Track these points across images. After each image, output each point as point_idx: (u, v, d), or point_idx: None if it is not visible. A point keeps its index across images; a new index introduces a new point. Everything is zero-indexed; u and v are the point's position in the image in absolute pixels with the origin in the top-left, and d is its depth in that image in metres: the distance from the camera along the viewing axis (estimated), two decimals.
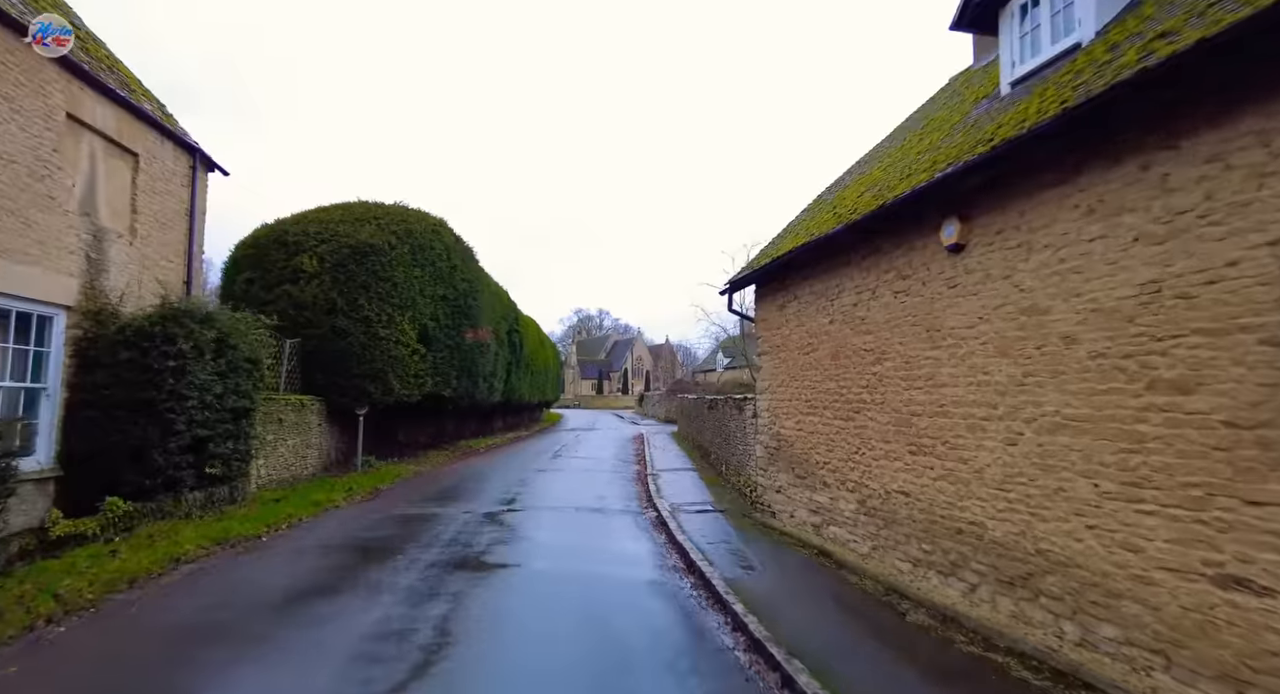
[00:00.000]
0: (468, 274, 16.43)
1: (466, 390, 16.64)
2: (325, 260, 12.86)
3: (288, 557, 7.01)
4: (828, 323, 7.76)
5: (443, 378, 15.13)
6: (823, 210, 8.95)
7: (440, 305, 15.04)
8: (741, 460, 11.10)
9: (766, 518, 9.16)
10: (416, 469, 14.38)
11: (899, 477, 6.34)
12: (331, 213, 13.99)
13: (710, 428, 16.07)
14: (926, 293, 6.03)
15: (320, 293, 12.67)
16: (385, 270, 13.33)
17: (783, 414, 8.86)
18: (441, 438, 20.02)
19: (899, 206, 6.12)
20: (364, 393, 12.89)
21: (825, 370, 7.79)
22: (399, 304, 13.54)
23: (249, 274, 13.10)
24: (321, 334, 12.57)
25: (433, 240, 15.00)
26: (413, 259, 14.16)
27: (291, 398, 11.40)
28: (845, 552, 7.16)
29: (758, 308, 9.81)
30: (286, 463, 11.08)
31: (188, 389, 7.69)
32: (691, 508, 10.21)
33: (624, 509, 10.41)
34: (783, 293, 8.94)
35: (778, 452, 8.99)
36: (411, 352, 13.81)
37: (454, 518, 9.23)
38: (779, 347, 9.06)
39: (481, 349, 17.24)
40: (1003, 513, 5.01)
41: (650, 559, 7.37)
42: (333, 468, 12.93)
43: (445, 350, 15.17)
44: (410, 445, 17.50)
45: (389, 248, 13.55)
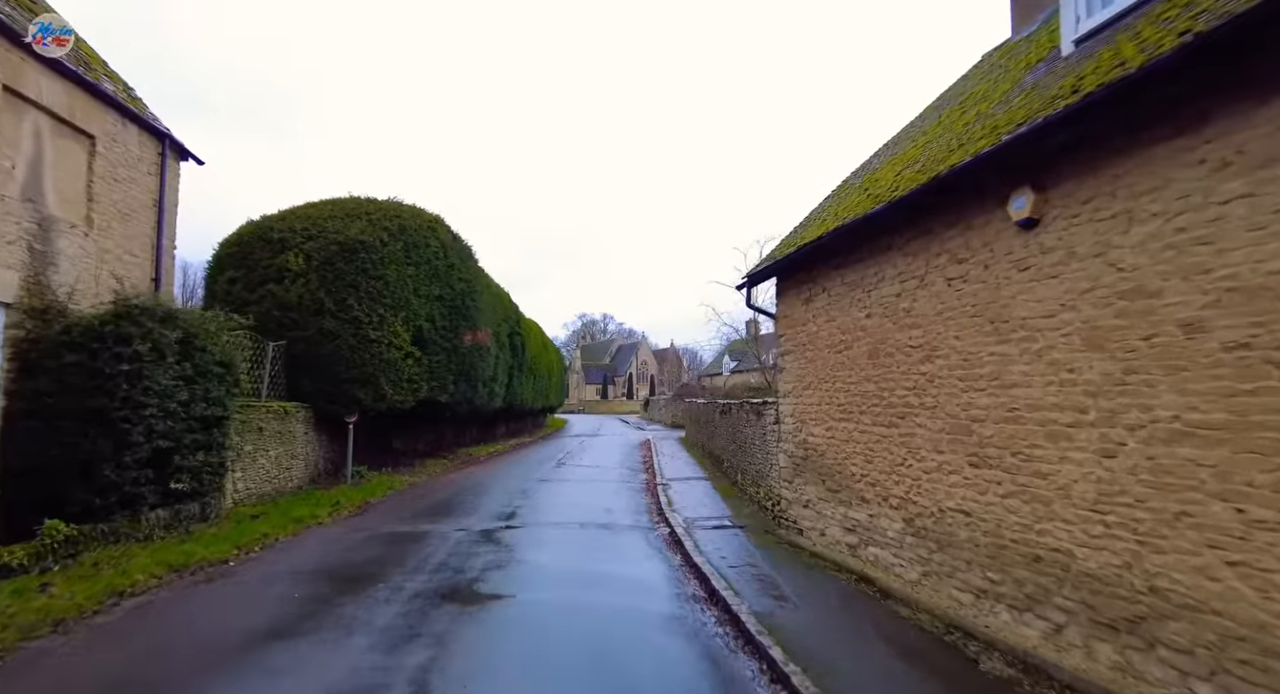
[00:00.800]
0: (465, 273, 15.62)
1: (465, 396, 15.80)
2: (312, 258, 12.06)
3: (254, 586, 6.16)
4: (864, 317, 6.88)
5: (439, 383, 14.30)
6: (851, 194, 8.09)
7: (436, 306, 14.22)
8: (761, 470, 10.22)
9: (793, 535, 8.26)
10: (411, 480, 13.53)
11: (956, 492, 5.45)
12: (320, 208, 13.21)
13: (723, 434, 15.18)
14: (989, 278, 5.16)
15: (306, 292, 11.86)
16: (376, 268, 12.52)
17: (810, 420, 7.98)
18: (440, 446, 19.18)
19: (955, 178, 5.25)
20: (354, 399, 12.07)
21: (861, 370, 6.91)
22: (391, 304, 12.72)
23: (231, 273, 12.31)
24: (308, 336, 11.76)
25: (427, 237, 14.20)
26: (406, 257, 13.35)
27: (274, 405, 10.58)
28: (889, 577, 6.26)
29: (779, 303, 8.95)
30: (268, 475, 10.25)
31: (145, 396, 6.86)
32: (707, 523, 9.32)
33: (633, 524, 9.53)
34: (808, 285, 8.08)
35: (805, 461, 8.11)
36: (405, 355, 12.98)
37: (446, 537, 8.36)
38: (804, 345, 8.19)
39: (481, 352, 16.41)
40: (1098, 539, 4.12)
41: (666, 586, 6.49)
42: (321, 480, 12.09)
43: (442, 354, 14.34)
44: (407, 454, 16.67)
45: (380, 244, 12.74)
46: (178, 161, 9.14)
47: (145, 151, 8.41)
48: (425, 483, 13.47)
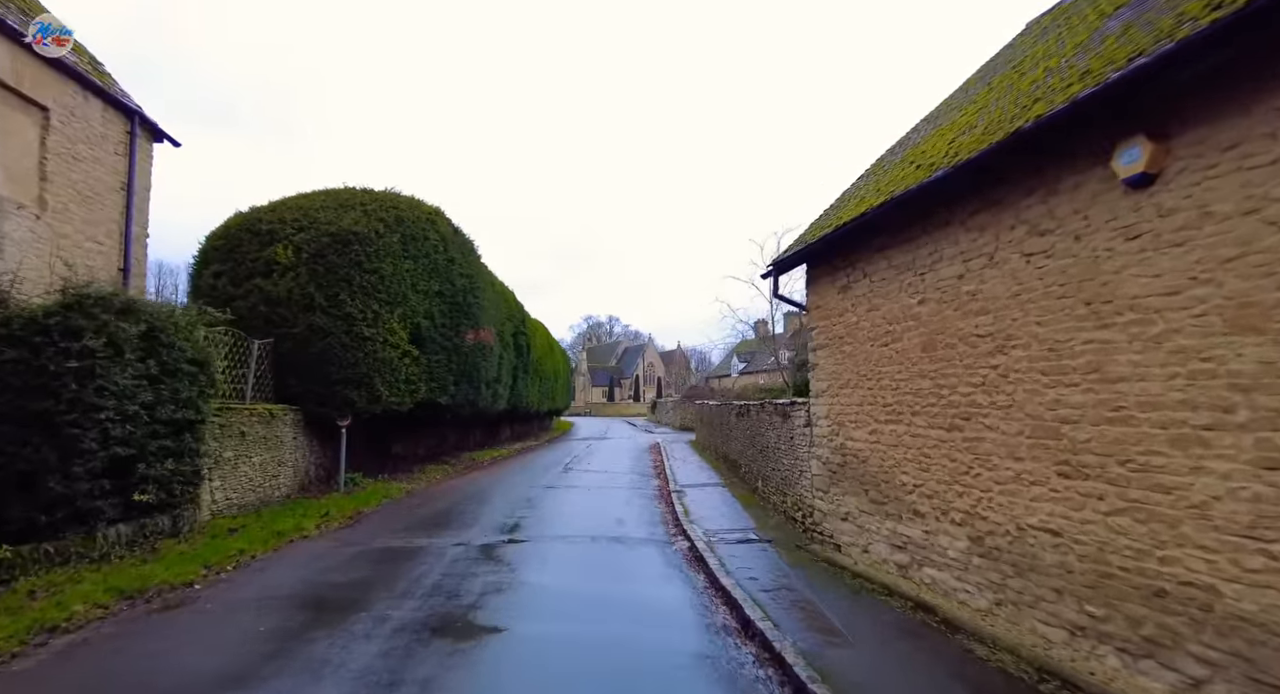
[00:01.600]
0: (467, 268, 14.82)
1: (467, 398, 14.98)
2: (302, 250, 11.27)
3: (216, 616, 5.33)
4: (915, 303, 6.00)
5: (439, 384, 13.48)
6: (892, 169, 7.22)
7: (435, 302, 13.42)
8: (787, 477, 9.34)
9: (829, 551, 7.38)
10: (409, 487, 12.70)
11: (1040, 508, 4.57)
12: (312, 199, 12.44)
13: (739, 437, 14.30)
14: (1083, 251, 4.28)
15: (296, 287, 11.07)
16: (370, 261, 11.73)
17: (850, 422, 7.10)
18: (442, 450, 18.38)
19: (1039, 132, 4.39)
20: (346, 401, 11.26)
21: (914, 365, 6.03)
22: (387, 300, 11.92)
23: (217, 267, 11.54)
24: (297, 334, 10.97)
25: (426, 230, 13.40)
26: (403, 250, 12.56)
27: (259, 408, 9.78)
28: (951, 605, 5.38)
29: (810, 292, 8.08)
30: (252, 484, 9.44)
31: (99, 397, 6.06)
32: (730, 536, 8.45)
33: (648, 537, 8.67)
34: (846, 271, 7.21)
35: (843, 469, 7.22)
36: (402, 354, 12.18)
37: (442, 553, 7.52)
38: (841, 338, 7.32)
39: (483, 352, 15.59)
40: (1257, 575, 3.24)
41: (691, 614, 5.63)
42: (311, 488, 11.29)
43: (441, 353, 13.52)
44: (406, 459, 15.86)
45: (375, 236, 11.95)
46: (150, 142, 8.37)
47: (111, 129, 7.64)
48: (424, 491, 12.64)
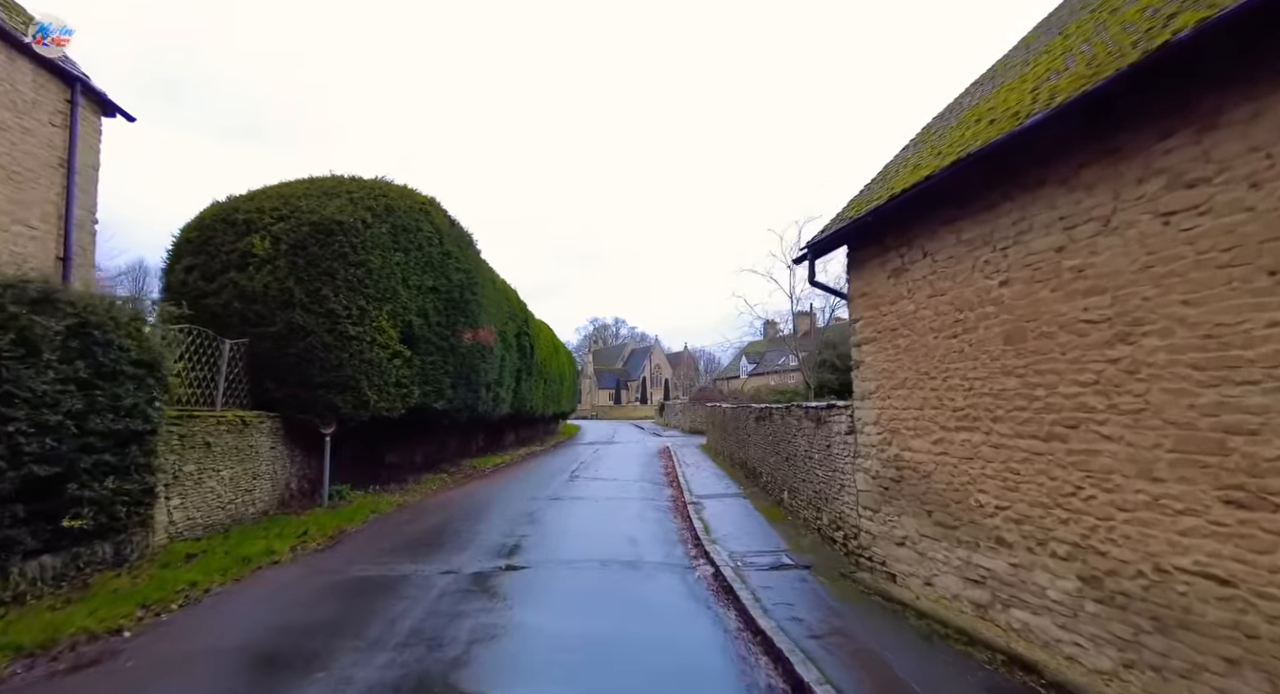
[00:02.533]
0: (465, 263, 13.79)
1: (465, 402, 13.94)
2: (281, 241, 10.27)
3: (136, 679, 4.29)
4: (996, 285, 4.90)
5: (434, 387, 12.44)
6: (953, 131, 6.12)
7: (429, 299, 12.39)
8: (823, 491, 8.23)
9: (881, 582, 6.26)
10: (401, 500, 11.66)
11: (1195, 545, 3.46)
12: (295, 187, 11.45)
13: (759, 444, 13.18)
14: (1266, 202, 3.18)
15: (274, 281, 10.06)
16: (356, 253, 10.71)
17: (907, 429, 5.98)
18: (441, 458, 17.35)
19: (1199, 42, 3.29)
20: (330, 407, 10.24)
21: (994, 361, 4.92)
22: (374, 295, 10.91)
23: (189, 260, 10.56)
24: (275, 333, 9.96)
25: (419, 220, 12.39)
26: (393, 241, 11.55)
27: (228, 415, 8.75)
28: (1057, 661, 4.26)
29: (853, 279, 6.97)
30: (220, 501, 8.41)
31: (6, 406, 5.04)
32: (760, 560, 7.35)
33: (666, 560, 7.58)
34: (900, 251, 6.11)
35: (898, 484, 6.10)
36: (391, 355, 11.15)
37: (428, 584, 6.46)
38: (894, 330, 6.21)
39: (483, 353, 14.55)
40: None
41: (726, 669, 4.54)
42: (292, 502, 10.26)
43: (436, 353, 12.49)
44: (401, 469, 14.83)
45: (362, 226, 10.94)
46: (98, 115, 7.39)
47: (45, 96, 6.66)
48: (417, 504, 11.59)
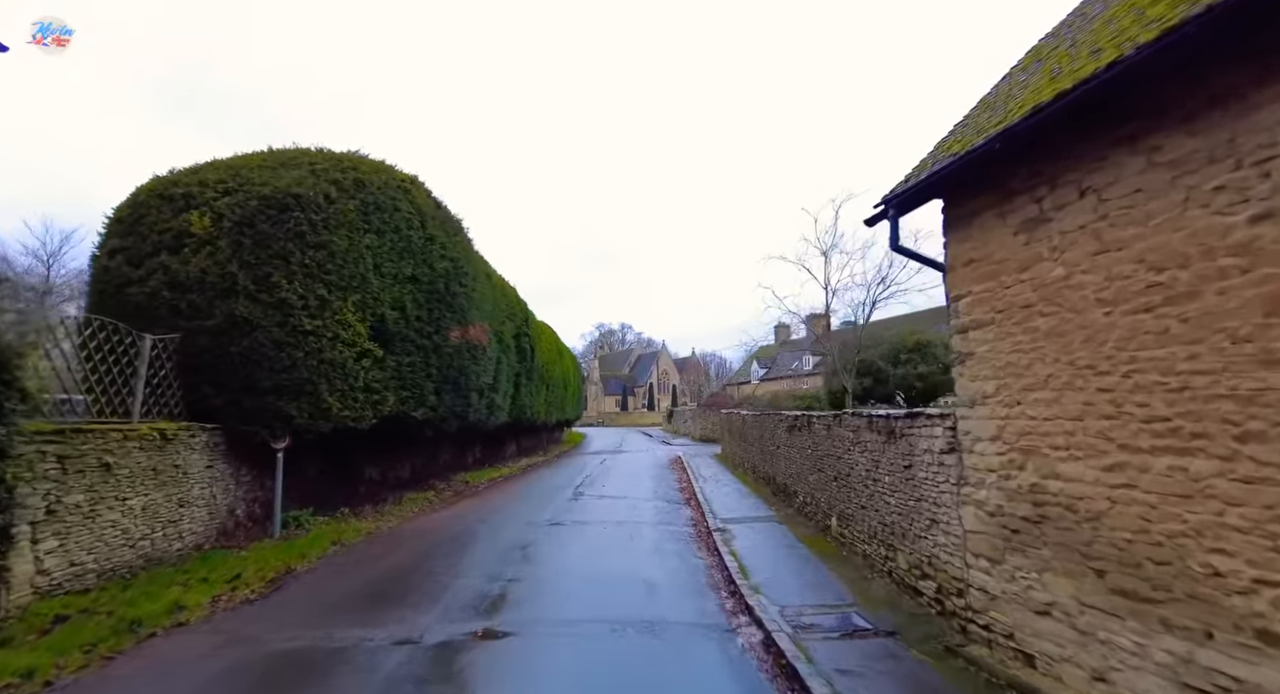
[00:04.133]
0: (452, 250, 12.04)
1: (453, 409, 12.16)
2: (224, 218, 8.54)
3: None
4: (1243, 221, 3.07)
5: (414, 392, 10.67)
6: (1120, 11, 4.30)
7: (408, 290, 10.63)
8: (897, 525, 6.36)
9: (1009, 663, 4.39)
10: (374, 526, 9.86)
11: None
12: (249, 159, 9.74)
13: (794, 457, 11.33)
14: None
15: (213, 265, 8.33)
16: (316, 232, 8.97)
17: (1055, 449, 4.13)
18: (431, 472, 15.55)
19: None
20: (281, 416, 8.47)
21: (1238, 342, 3.08)
22: (338, 283, 9.16)
23: (116, 243, 8.84)
24: (214, 327, 8.21)
25: (397, 199, 10.66)
26: (363, 220, 9.81)
27: (142, 429, 6.98)
28: None
29: (954, 241, 5.13)
30: (126, 537, 6.63)
31: None
32: (825, 622, 5.51)
33: (697, 620, 5.74)
34: (1033, 194, 4.28)
35: (1039, 527, 4.24)
36: (359, 354, 9.38)
37: (372, 666, 4.65)
38: (1026, 306, 4.37)
39: (474, 354, 12.77)
40: None
41: None
42: (237, 533, 8.48)
43: (416, 353, 10.72)
44: (382, 486, 13.05)
45: (325, 201, 9.21)
46: None
47: None
48: (392, 531, 9.78)
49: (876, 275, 13.88)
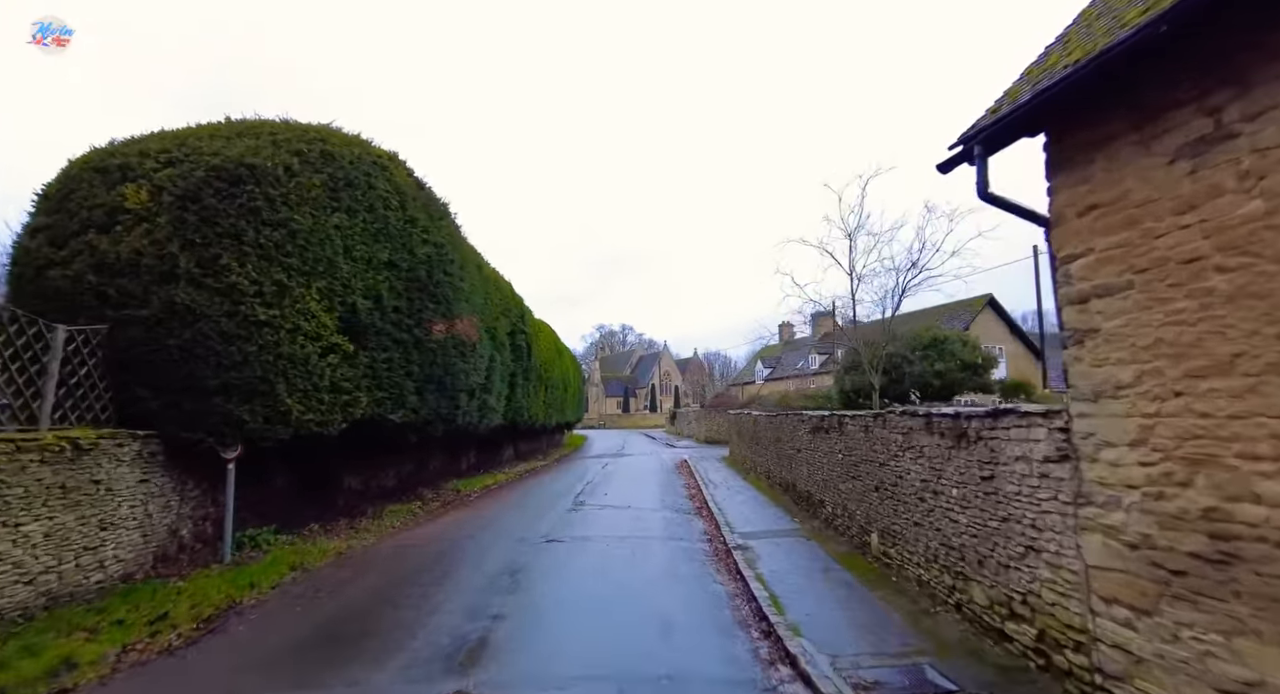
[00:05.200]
0: (436, 235, 10.84)
1: (438, 411, 10.95)
2: (165, 191, 7.36)
3: None
4: None
5: (391, 393, 9.47)
6: None
7: (384, 276, 9.43)
8: (971, 549, 5.15)
9: None
10: (346, 545, 8.65)
11: None
12: (201, 130, 8.56)
13: (820, 463, 10.13)
14: None
15: (150, 245, 7.14)
16: (274, 209, 7.79)
17: (1238, 457, 2.90)
18: (420, 479, 14.36)
19: None
20: (231, 420, 7.27)
21: None
22: (300, 268, 7.97)
23: (42, 221, 7.66)
24: (149, 317, 7.03)
25: (371, 176, 9.47)
26: (331, 198, 8.62)
27: (47, 438, 5.76)
28: None
29: (1064, 181, 3.89)
30: (23, 573, 5.40)
31: None
32: (894, 680, 4.30)
33: (727, 677, 4.54)
34: (1217, 100, 3.04)
35: (1226, 569, 3.01)
36: (325, 348, 8.19)
37: None
38: (1190, 261, 3.15)
39: (462, 350, 11.57)
40: None
41: None
42: (181, 557, 7.28)
43: (394, 348, 9.52)
44: (363, 497, 11.86)
45: (285, 174, 8.03)
46: None
47: None
48: (365, 551, 8.56)
49: (906, 259, 12.64)
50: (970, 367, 22.57)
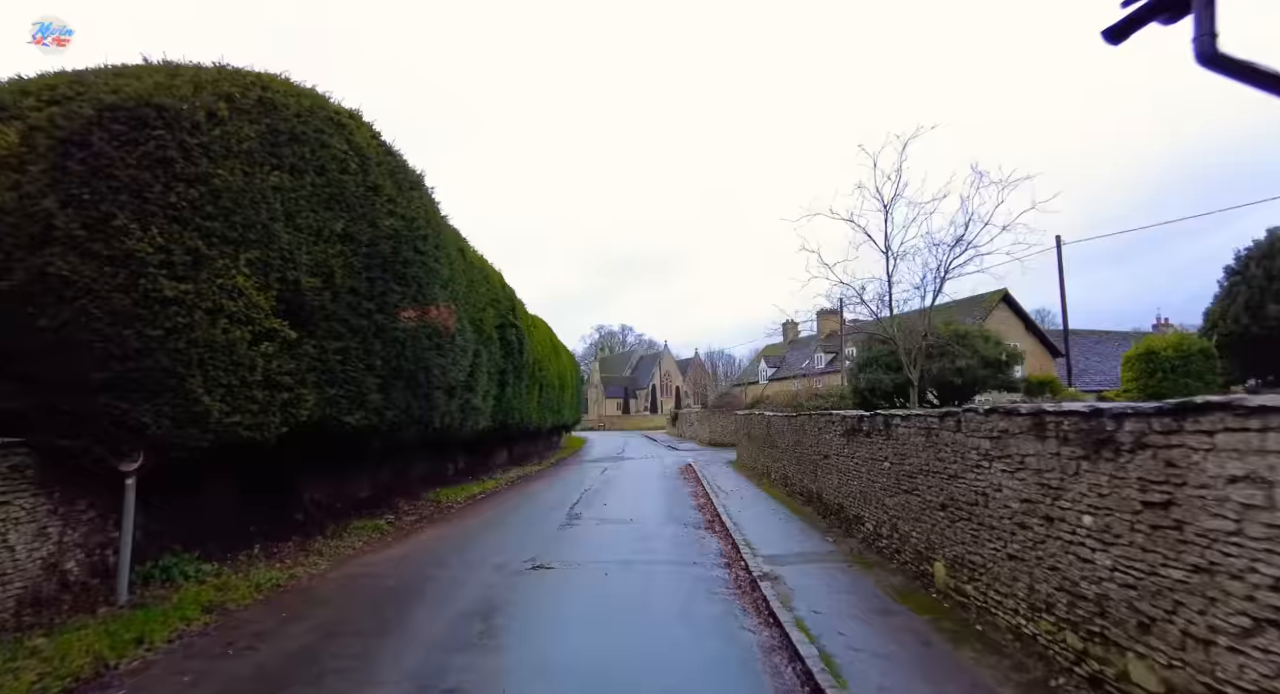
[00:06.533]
0: (405, 207, 9.28)
1: (410, 412, 9.38)
2: (42, 134, 5.81)
3: None
4: None
5: (346, 389, 7.91)
6: None
7: (338, 251, 7.87)
8: (1126, 603, 3.62)
9: None
10: (285, 576, 7.08)
11: None
12: (107, 70, 7.00)
13: (858, 472, 8.59)
14: None
15: (14, 200, 5.59)
16: (192, 161, 6.25)
17: None
18: (397, 489, 12.80)
19: None
20: (126, 424, 5.71)
21: None
22: (225, 235, 6.42)
23: None
24: (10, 291, 5.48)
25: (324, 133, 7.93)
26: (269, 153, 7.08)
27: None
28: None
29: None
30: None
31: None
32: None
33: None
34: None
35: None
36: (258, 333, 6.63)
37: None
38: None
39: (437, 341, 9.99)
40: None
41: None
42: (61, 598, 5.71)
43: (350, 336, 7.96)
44: (331, 510, 10.30)
45: (206, 119, 6.49)
46: None
47: None
48: (307, 584, 6.99)
49: (950, 235, 11.00)
50: (993, 363, 21.14)
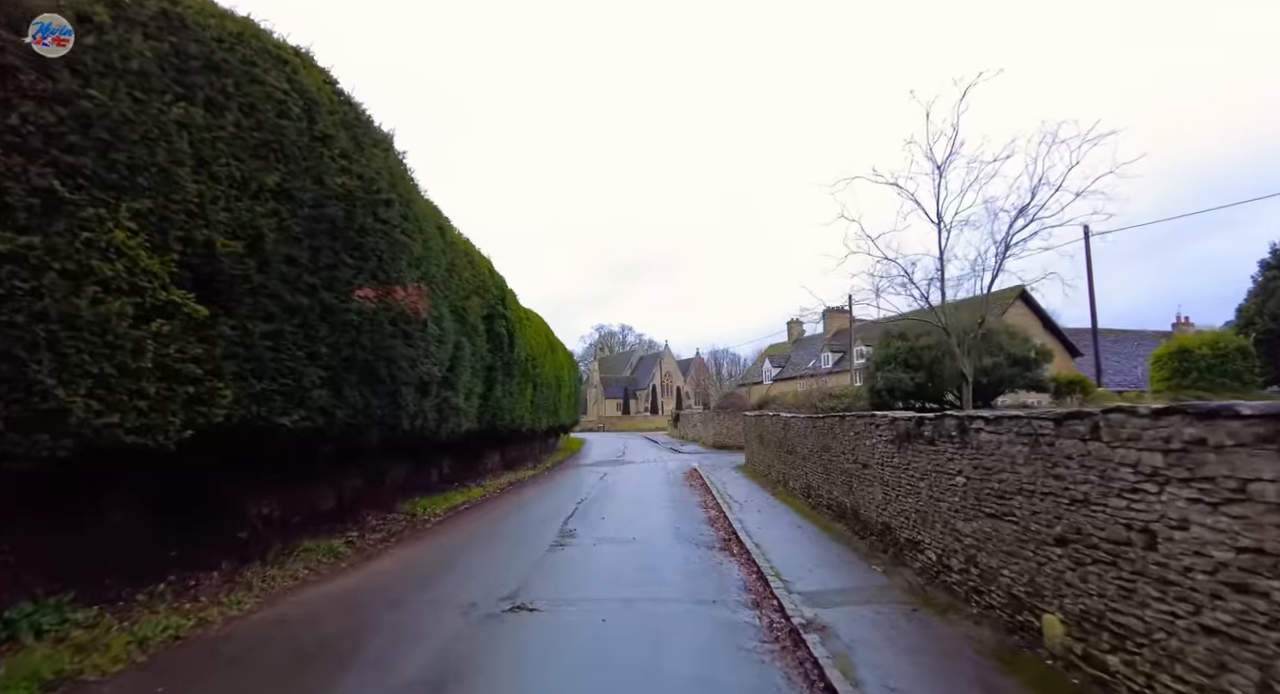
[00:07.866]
0: (364, 167, 7.74)
1: (368, 412, 7.81)
2: None
3: None
4: None
5: (281, 384, 6.35)
6: None
7: (270, 209, 6.31)
8: None
9: None
10: (192, 622, 5.49)
11: None
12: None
13: (914, 488, 7.04)
14: None
15: None
16: (51, 77, 4.77)
17: None
18: (368, 499, 11.21)
19: None
20: None
21: None
22: (99, 175, 4.88)
23: None
24: None
25: (257, 68, 6.39)
26: (173, 77, 5.54)
27: None
28: None
29: None
30: None
31: None
32: None
33: None
34: None
35: None
36: (148, 309, 5.08)
37: None
38: None
39: (404, 327, 8.43)
40: None
41: None
42: None
43: (285, 317, 6.40)
44: (286, 526, 8.71)
45: (79, 24, 4.98)
46: None
47: None
48: (213, 635, 5.40)
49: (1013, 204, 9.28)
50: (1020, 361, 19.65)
